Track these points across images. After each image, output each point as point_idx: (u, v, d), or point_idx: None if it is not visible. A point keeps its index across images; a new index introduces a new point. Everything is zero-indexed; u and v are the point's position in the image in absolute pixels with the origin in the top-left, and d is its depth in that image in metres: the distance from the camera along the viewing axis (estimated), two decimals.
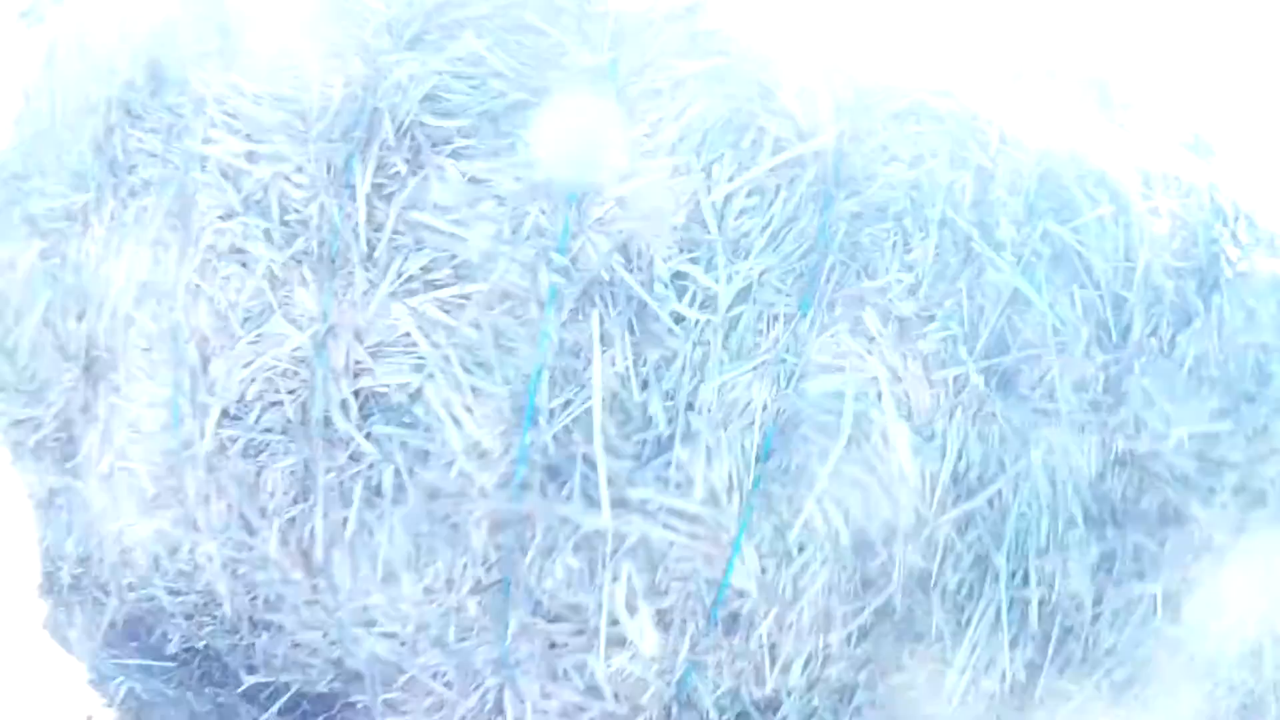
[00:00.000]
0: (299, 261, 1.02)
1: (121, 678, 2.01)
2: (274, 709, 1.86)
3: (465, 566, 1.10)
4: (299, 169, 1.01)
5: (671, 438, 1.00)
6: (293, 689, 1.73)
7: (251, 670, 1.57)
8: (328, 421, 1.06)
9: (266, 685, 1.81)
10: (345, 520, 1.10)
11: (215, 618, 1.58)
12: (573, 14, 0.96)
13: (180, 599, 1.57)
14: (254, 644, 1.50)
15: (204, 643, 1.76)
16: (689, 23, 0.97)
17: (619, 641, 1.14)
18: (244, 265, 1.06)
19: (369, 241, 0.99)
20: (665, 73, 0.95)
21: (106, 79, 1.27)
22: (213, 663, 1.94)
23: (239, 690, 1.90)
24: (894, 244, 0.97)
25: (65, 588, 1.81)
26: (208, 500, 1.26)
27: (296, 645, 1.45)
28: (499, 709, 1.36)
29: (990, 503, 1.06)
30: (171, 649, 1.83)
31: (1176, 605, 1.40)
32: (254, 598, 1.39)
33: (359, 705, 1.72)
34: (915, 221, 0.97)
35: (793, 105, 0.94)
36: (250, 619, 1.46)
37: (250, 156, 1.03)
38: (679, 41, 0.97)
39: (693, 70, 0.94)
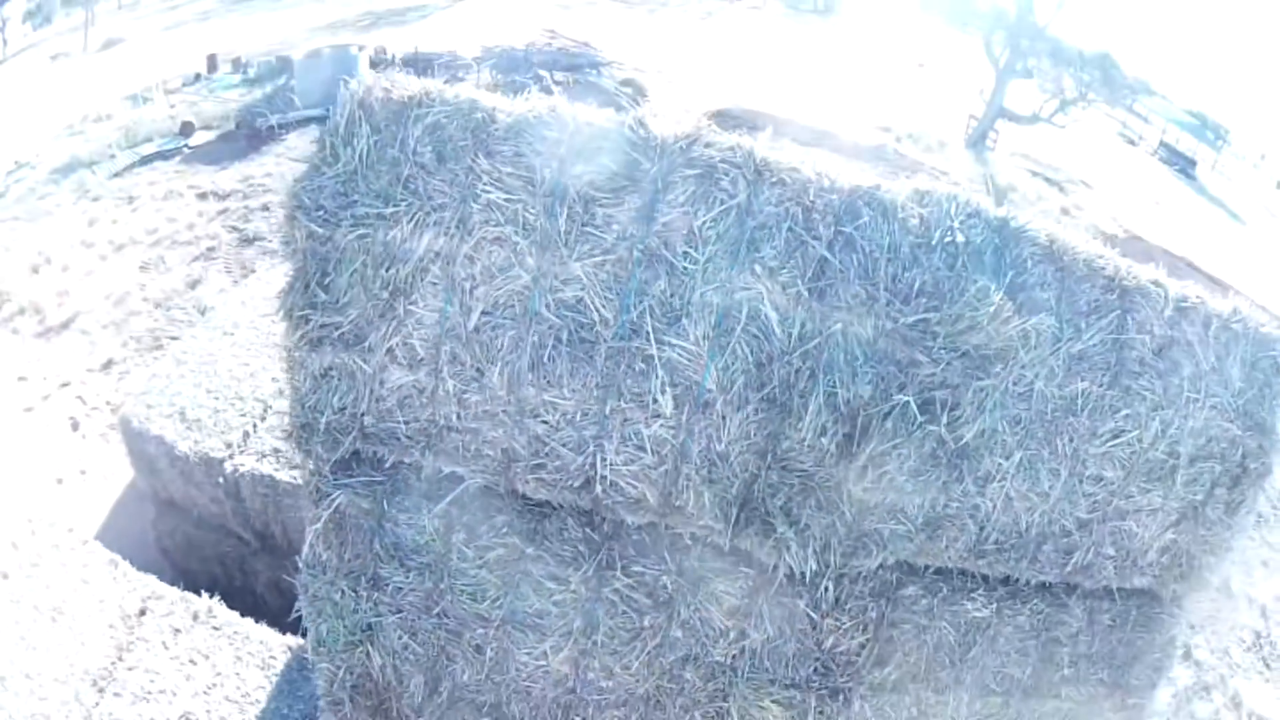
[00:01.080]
0: (531, 245, 2.63)
1: (337, 494, 3.57)
2: (444, 502, 3.44)
3: (591, 375, 2.72)
4: (532, 206, 2.62)
5: (681, 315, 2.64)
6: (465, 482, 3.31)
7: (453, 464, 3.16)
8: (537, 311, 2.67)
9: (438, 488, 3.38)
10: (543, 356, 2.71)
11: (429, 435, 3.17)
12: (640, 144, 2.59)
13: (411, 424, 3.16)
14: (457, 444, 3.10)
15: (409, 458, 3.34)
16: (691, 150, 2.60)
17: (656, 415, 2.77)
18: (501, 246, 2.66)
19: (565, 239, 2.60)
20: (680, 173, 2.58)
21: (399, 147, 2.85)
22: (398, 484, 3.50)
23: (420, 492, 3.47)
24: (769, 239, 2.61)
25: (319, 432, 3.36)
26: (454, 357, 2.86)
27: (484, 441, 3.05)
28: (593, 465, 2.99)
29: (815, 347, 2.70)
30: (387, 465, 3.40)
31: (931, 413, 3.03)
32: (468, 413, 2.99)
33: (502, 491, 3.31)
34: (777, 230, 2.61)
35: (728, 186, 2.57)
36: (458, 428, 3.05)
37: (507, 198, 2.62)
38: (685, 158, 2.60)
39: (690, 173, 2.58)
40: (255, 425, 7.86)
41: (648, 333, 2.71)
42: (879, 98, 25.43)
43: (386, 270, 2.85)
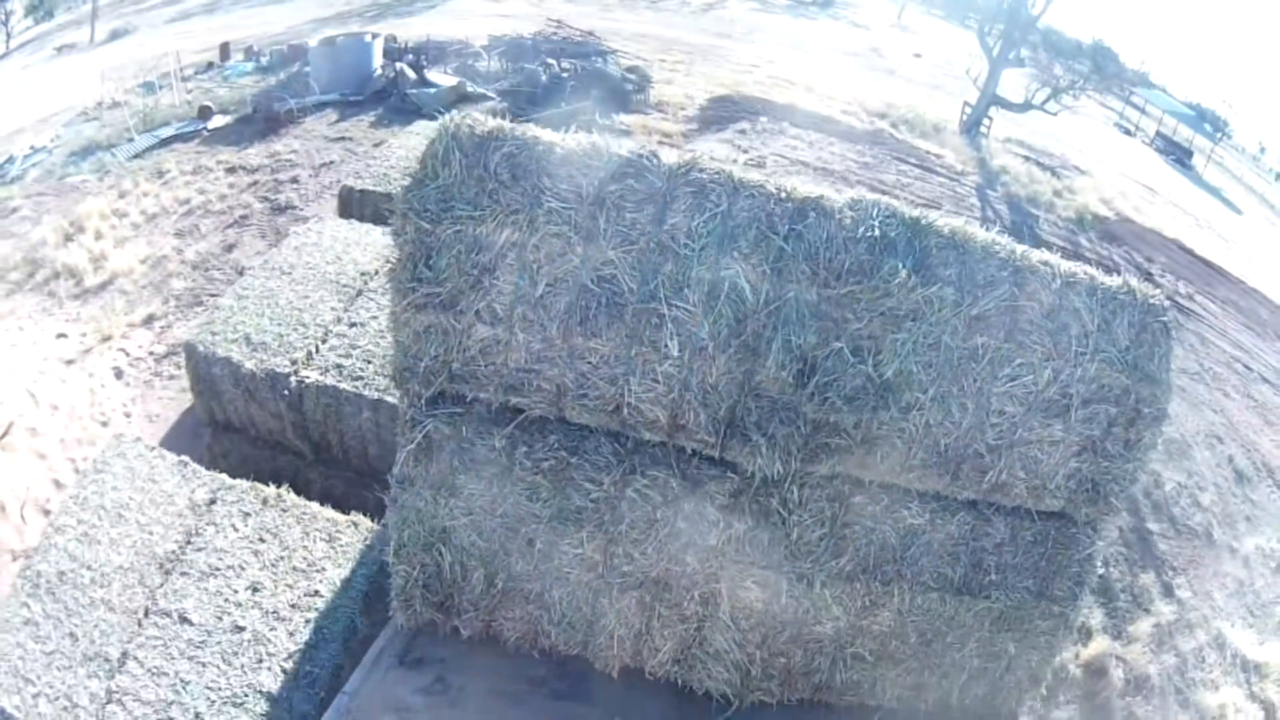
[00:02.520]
0: (579, 238, 4.01)
1: (428, 422, 4.89)
2: (509, 428, 4.77)
3: (621, 329, 4.09)
4: (580, 211, 4.03)
5: (684, 286, 4.05)
6: (524, 412, 4.66)
7: (518, 395, 4.50)
8: (584, 284, 4.02)
9: (505, 416, 4.72)
10: (588, 315, 4.07)
11: (501, 374, 4.52)
12: (654, 169, 3.97)
13: (489, 367, 4.52)
14: (523, 382, 4.46)
15: (485, 394, 4.68)
16: (689, 174, 4.02)
17: (666, 357, 4.15)
18: (559, 239, 4.02)
19: (603, 234, 3.96)
20: (681, 189, 3.99)
21: (483, 168, 4.21)
22: (475, 414, 4.83)
23: (491, 420, 4.80)
24: (743, 235, 4.01)
25: (417, 375, 4.70)
26: (524, 317, 4.23)
27: (543, 378, 4.42)
28: (622, 394, 4.35)
29: (776, 308, 4.10)
30: (467, 398, 4.74)
31: (860, 356, 4.39)
32: (532, 358, 4.34)
33: (553, 418, 4.65)
34: (749, 228, 4.05)
35: (715, 198, 3.95)
36: (524, 369, 4.40)
37: (563, 206, 3.99)
38: (684, 179, 4.02)
39: (689, 189, 3.98)
40: (317, 346, 8.57)
41: (661, 298, 4.10)
42: (877, 86, 26.69)
43: (475, 255, 4.21)
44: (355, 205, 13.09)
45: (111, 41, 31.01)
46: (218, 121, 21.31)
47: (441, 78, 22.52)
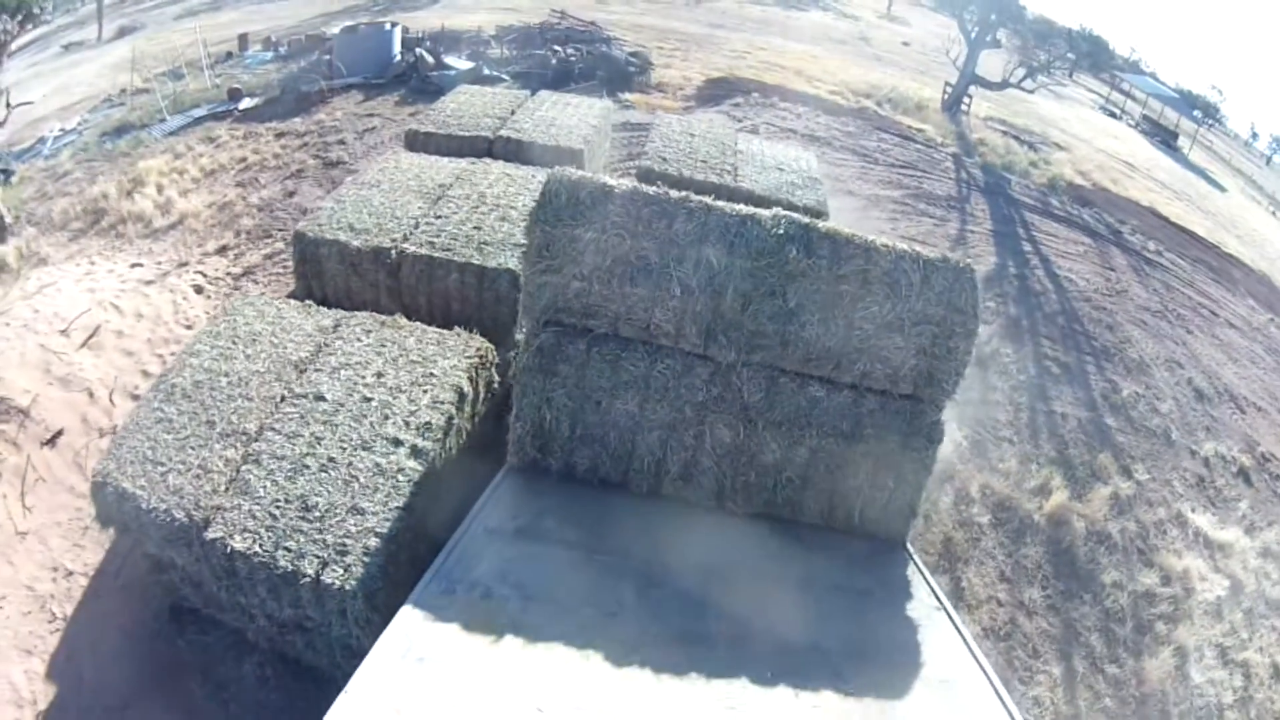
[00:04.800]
0: (628, 235, 9.22)
1: (542, 334, 10.19)
2: (587, 338, 10.00)
3: (649, 281, 9.26)
4: (628, 222, 9.25)
5: (683, 259, 9.37)
6: (593, 330, 9.84)
7: (593, 320, 9.64)
8: (630, 260, 9.15)
9: (584, 331, 9.91)
10: (633, 275, 9.21)
11: (584, 309, 9.72)
12: (666, 201, 9.17)
13: (577, 305, 9.70)
14: (596, 312, 9.69)
15: (573, 320, 9.88)
16: (685, 202, 9.21)
17: (673, 296, 9.35)
18: (618, 235, 9.22)
19: (642, 234, 9.13)
20: (682, 209, 9.21)
21: (577, 200, 9.41)
22: (568, 330, 10.01)
23: (577, 334, 10.02)
24: (712, 234, 9.31)
25: (536, 308, 9.91)
26: (598, 277, 9.41)
27: (607, 310, 9.69)
28: (650, 317, 9.53)
29: (729, 272, 9.35)
30: (564, 322, 9.97)
31: (775, 297, 9.65)
32: (602, 299, 9.51)
33: (611, 333, 9.84)
34: (715, 231, 9.31)
35: (699, 215, 9.17)
36: (597, 305, 9.57)
37: (619, 219, 9.21)
38: (682, 205, 9.21)
39: (683, 211, 9.24)
40: (411, 232, 11.88)
41: (670, 266, 9.23)
42: (864, 71, 31.54)
43: (572, 245, 9.34)
44: (420, 145, 17.54)
45: (120, 39, 34.81)
46: (247, 103, 25.38)
47: (457, 62, 27.51)
